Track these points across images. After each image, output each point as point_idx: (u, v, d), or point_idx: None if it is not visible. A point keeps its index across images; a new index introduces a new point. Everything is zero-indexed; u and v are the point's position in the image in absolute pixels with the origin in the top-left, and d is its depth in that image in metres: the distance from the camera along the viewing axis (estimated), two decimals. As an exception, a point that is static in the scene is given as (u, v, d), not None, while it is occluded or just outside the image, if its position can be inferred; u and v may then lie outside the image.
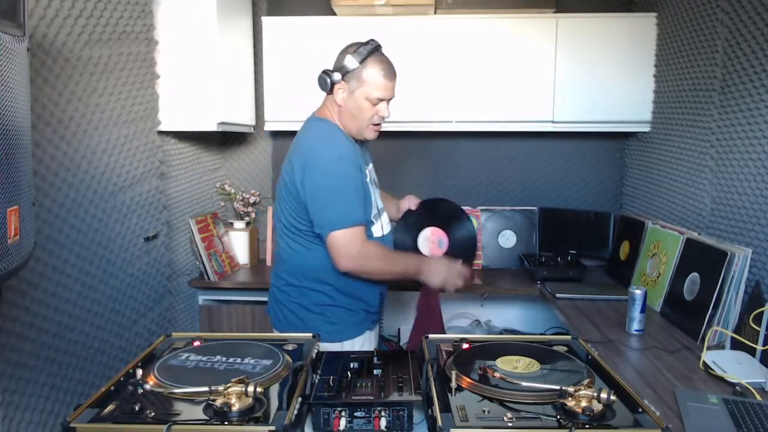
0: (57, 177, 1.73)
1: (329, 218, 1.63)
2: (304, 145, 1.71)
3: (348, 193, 1.65)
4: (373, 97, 1.68)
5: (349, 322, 1.78)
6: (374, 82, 1.67)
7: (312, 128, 1.76)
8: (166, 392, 1.09)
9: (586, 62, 2.70)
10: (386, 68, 1.69)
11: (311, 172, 1.64)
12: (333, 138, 1.71)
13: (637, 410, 1.04)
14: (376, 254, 1.70)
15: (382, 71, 1.68)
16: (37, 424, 1.61)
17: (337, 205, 1.63)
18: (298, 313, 1.79)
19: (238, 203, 3.06)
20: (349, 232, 1.63)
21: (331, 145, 1.68)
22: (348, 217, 1.63)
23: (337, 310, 1.76)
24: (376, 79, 1.67)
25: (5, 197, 1.03)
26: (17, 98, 1.07)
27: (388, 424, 1.09)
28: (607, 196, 3.13)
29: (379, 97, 1.68)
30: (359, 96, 1.69)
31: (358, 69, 1.67)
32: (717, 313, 1.84)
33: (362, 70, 1.67)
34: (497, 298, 3.02)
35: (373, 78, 1.67)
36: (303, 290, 1.77)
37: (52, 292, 1.70)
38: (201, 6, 2.37)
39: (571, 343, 1.42)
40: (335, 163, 1.65)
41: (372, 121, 1.72)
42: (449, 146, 3.13)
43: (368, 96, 1.68)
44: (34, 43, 1.62)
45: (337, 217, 1.63)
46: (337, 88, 1.70)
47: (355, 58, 1.66)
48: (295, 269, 1.78)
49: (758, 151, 1.91)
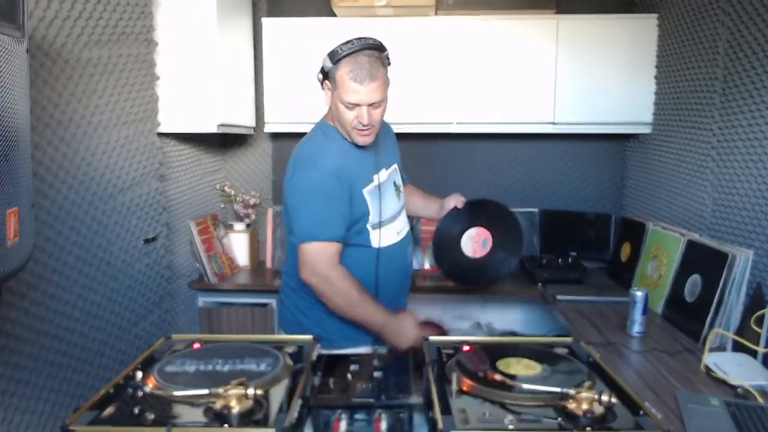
0: (56, 179, 1.72)
1: (301, 229, 1.61)
2: (297, 152, 1.71)
3: (323, 207, 1.61)
4: (346, 101, 1.58)
5: (341, 332, 1.70)
6: (343, 85, 1.57)
7: (308, 138, 1.74)
8: (166, 395, 1.09)
9: (587, 63, 2.70)
10: (357, 70, 1.55)
11: (292, 182, 1.64)
12: (322, 149, 1.67)
13: (639, 413, 1.04)
14: (341, 288, 1.61)
15: (350, 73, 1.55)
16: (36, 427, 1.61)
17: (311, 217, 1.61)
18: (295, 314, 1.80)
19: (238, 205, 3.06)
20: (317, 246, 1.59)
21: (317, 158, 1.64)
22: (320, 231, 1.60)
23: (328, 317, 1.70)
24: (345, 82, 1.56)
25: (5, 199, 1.03)
26: (16, 100, 1.06)
27: (388, 427, 1.08)
28: (608, 197, 3.12)
29: (350, 101, 1.58)
30: (336, 98, 1.62)
31: (332, 69, 1.59)
32: (718, 315, 1.83)
33: (335, 71, 1.58)
34: (498, 300, 3.01)
35: (343, 81, 1.57)
36: (298, 293, 1.77)
37: (51, 294, 1.69)
38: (201, 7, 2.37)
39: (572, 345, 1.42)
40: (315, 177, 1.61)
41: (353, 125, 1.62)
42: (450, 148, 3.12)
43: (342, 99, 1.59)
44: (34, 45, 1.62)
45: (308, 229, 1.60)
46: (324, 87, 1.67)
47: (330, 57, 1.59)
48: (293, 270, 1.77)
49: (759, 153, 1.91)
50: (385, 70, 1.63)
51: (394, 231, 1.79)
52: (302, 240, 1.61)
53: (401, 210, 1.84)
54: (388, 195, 1.76)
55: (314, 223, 1.60)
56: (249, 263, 3.01)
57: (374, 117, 1.61)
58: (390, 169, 1.81)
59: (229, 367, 1.22)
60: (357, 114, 1.60)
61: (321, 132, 1.72)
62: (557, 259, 2.88)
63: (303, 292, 1.75)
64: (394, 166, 1.84)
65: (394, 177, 1.83)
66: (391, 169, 1.81)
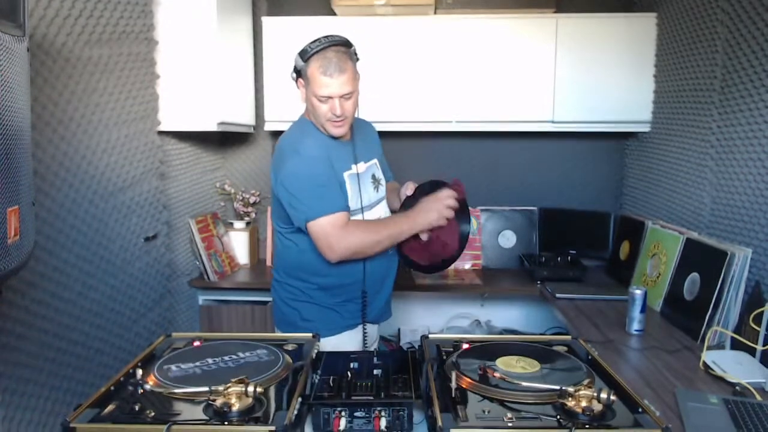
0: (57, 177, 1.73)
1: (304, 211, 1.65)
2: (279, 146, 1.77)
3: (318, 185, 1.65)
4: (318, 95, 1.65)
5: (324, 320, 1.77)
6: (315, 79, 1.64)
7: (288, 131, 1.80)
8: (166, 392, 1.09)
9: (586, 62, 2.70)
10: (326, 64, 1.62)
11: (282, 173, 1.68)
12: (302, 139, 1.73)
13: (637, 410, 1.04)
14: (360, 229, 1.69)
15: (320, 68, 1.63)
16: (37, 424, 1.61)
17: (311, 196, 1.65)
18: (281, 308, 1.86)
19: (238, 203, 3.06)
20: (324, 220, 1.63)
21: (299, 146, 1.71)
22: (324, 205, 1.64)
23: (311, 306, 1.79)
24: (316, 77, 1.64)
25: (5, 197, 1.03)
26: (17, 98, 1.06)
27: (388, 424, 1.09)
28: (607, 196, 3.12)
29: (322, 94, 1.65)
30: (309, 94, 1.69)
31: (303, 67, 1.66)
32: (717, 313, 1.83)
33: (306, 68, 1.66)
34: (497, 298, 3.02)
35: (314, 76, 1.64)
36: (283, 285, 1.85)
37: (52, 292, 1.70)
38: (201, 6, 2.37)
39: (571, 343, 1.42)
40: (304, 161, 1.67)
41: (326, 117, 1.69)
42: (449, 146, 3.13)
43: (314, 93, 1.66)
44: (34, 44, 1.62)
45: (312, 208, 1.64)
46: (298, 85, 1.73)
47: (300, 56, 1.66)
48: (279, 264, 1.88)
49: (758, 151, 1.91)
50: (353, 63, 1.70)
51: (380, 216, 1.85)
52: (308, 219, 1.64)
53: (379, 201, 1.87)
54: (365, 186, 1.80)
55: (316, 201, 1.64)
56: (249, 261, 3.02)
57: (346, 108, 1.68)
58: (369, 163, 1.86)
59: (229, 365, 1.22)
60: (330, 106, 1.67)
61: (298, 127, 1.79)
62: (556, 257, 2.88)
63: (286, 284, 1.83)
64: (373, 161, 1.89)
65: (373, 170, 1.88)
66: (370, 163, 1.87)
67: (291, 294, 1.82)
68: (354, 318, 1.82)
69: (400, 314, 3.04)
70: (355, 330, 1.84)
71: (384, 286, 1.88)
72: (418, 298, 3.13)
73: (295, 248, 1.79)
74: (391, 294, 1.95)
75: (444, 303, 3.10)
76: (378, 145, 2.00)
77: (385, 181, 1.95)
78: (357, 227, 1.69)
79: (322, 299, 1.79)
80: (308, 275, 1.79)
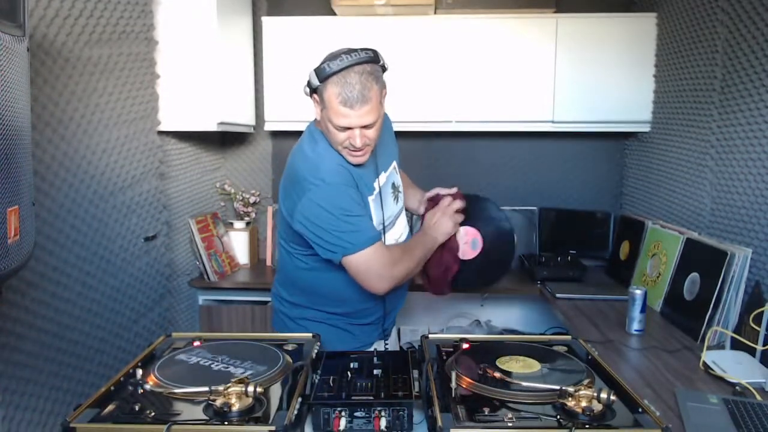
0: (57, 177, 1.73)
1: (341, 246, 1.46)
2: (293, 171, 1.55)
3: (350, 216, 1.47)
4: (335, 124, 1.44)
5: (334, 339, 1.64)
6: (332, 108, 1.42)
7: (302, 148, 1.59)
8: (166, 392, 1.09)
9: (586, 62, 2.70)
10: (346, 93, 1.39)
11: (304, 205, 1.47)
12: (321, 162, 1.52)
13: (637, 410, 1.04)
14: (402, 257, 1.55)
15: (339, 97, 1.40)
16: (37, 424, 1.61)
17: (344, 230, 1.46)
18: (286, 323, 1.74)
19: (238, 203, 3.06)
20: (368, 253, 1.46)
21: (319, 172, 1.49)
22: (360, 238, 1.47)
23: (319, 325, 1.66)
24: (334, 106, 1.42)
25: (5, 197, 1.03)
26: (17, 98, 1.07)
27: (388, 424, 1.09)
28: (607, 196, 3.12)
29: (340, 125, 1.43)
30: (325, 117, 1.47)
31: (319, 88, 1.44)
32: (717, 313, 1.83)
33: (323, 90, 1.43)
34: (497, 298, 3.02)
35: (331, 103, 1.42)
36: (290, 303, 1.73)
37: (52, 292, 1.70)
38: (201, 6, 2.37)
39: (571, 343, 1.42)
40: (328, 191, 1.47)
41: (344, 146, 1.49)
42: (449, 146, 3.12)
43: (331, 120, 1.44)
44: (34, 43, 1.62)
45: (348, 244, 1.46)
46: (312, 101, 1.52)
47: (317, 74, 1.42)
48: (286, 280, 1.74)
49: (758, 151, 1.91)
50: (380, 84, 1.47)
51: (392, 238, 1.69)
52: (346, 254, 1.47)
53: (399, 213, 1.75)
54: (386, 200, 1.66)
55: (352, 235, 1.46)
56: (249, 261, 3.02)
57: (368, 137, 1.48)
58: (389, 170, 1.71)
59: (229, 365, 1.22)
60: (348, 135, 1.46)
61: (313, 145, 1.57)
62: (556, 257, 2.88)
63: (294, 303, 1.72)
64: (392, 164, 1.74)
65: (393, 178, 1.73)
66: (389, 170, 1.71)
67: (297, 313, 1.71)
68: (369, 337, 1.74)
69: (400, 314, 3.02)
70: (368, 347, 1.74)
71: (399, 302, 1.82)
72: (418, 298, 3.12)
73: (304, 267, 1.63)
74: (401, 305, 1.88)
75: (444, 303, 3.09)
76: (394, 139, 1.81)
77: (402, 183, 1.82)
78: (400, 255, 1.56)
79: (337, 322, 1.68)
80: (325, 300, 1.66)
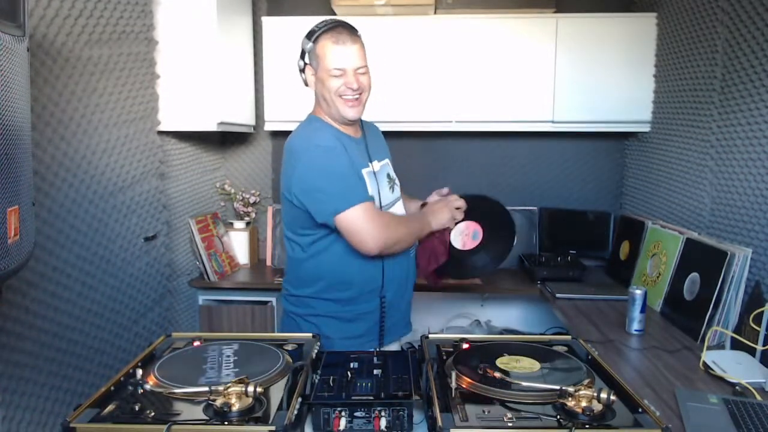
0: (57, 177, 1.73)
1: (332, 204, 1.54)
2: (289, 147, 1.66)
3: (342, 175, 1.56)
4: (332, 68, 1.58)
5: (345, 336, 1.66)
6: (327, 52, 1.58)
7: (298, 129, 1.70)
8: (166, 392, 1.09)
9: (586, 62, 2.70)
10: (337, 35, 1.58)
11: (299, 170, 1.58)
12: (314, 133, 1.64)
13: (637, 410, 1.04)
14: (394, 220, 1.64)
15: (332, 38, 1.58)
16: (37, 424, 1.61)
17: (336, 188, 1.55)
18: (296, 320, 1.74)
19: (238, 203, 3.06)
20: (358, 210, 1.52)
21: (314, 139, 1.61)
22: (351, 195, 1.53)
23: (330, 321, 1.68)
24: (328, 49, 1.58)
25: (5, 197, 1.03)
26: (17, 98, 1.07)
27: (388, 424, 1.08)
28: (607, 196, 3.13)
29: (336, 66, 1.58)
30: (322, 74, 1.61)
31: (311, 47, 1.61)
32: (717, 313, 1.83)
33: (315, 46, 1.60)
34: (497, 298, 3.02)
35: (326, 49, 1.58)
36: (300, 299, 1.73)
37: (52, 292, 1.70)
38: (201, 6, 2.37)
39: (571, 343, 1.42)
40: (320, 153, 1.58)
41: (340, 92, 1.60)
42: (449, 146, 3.13)
43: (327, 70, 1.58)
44: (34, 43, 1.62)
45: (339, 200, 1.53)
46: (306, 74, 1.66)
47: (308, 38, 1.61)
48: (292, 277, 1.75)
49: (758, 151, 1.91)
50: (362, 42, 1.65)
51: None
52: (337, 211, 1.53)
53: (395, 202, 1.79)
54: (382, 184, 1.72)
55: (343, 191, 1.54)
56: (249, 261, 3.02)
57: (362, 81, 1.62)
58: (382, 162, 1.79)
59: (229, 365, 1.22)
60: (345, 81, 1.60)
61: (308, 124, 1.71)
62: (556, 257, 2.88)
63: (300, 296, 1.72)
64: (386, 161, 1.82)
65: (387, 170, 1.80)
66: (383, 162, 1.79)
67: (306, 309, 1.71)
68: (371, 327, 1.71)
69: (400, 314, 3.04)
70: None
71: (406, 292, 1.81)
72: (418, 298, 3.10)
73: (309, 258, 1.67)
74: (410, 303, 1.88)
75: (444, 303, 3.09)
76: (387, 149, 1.90)
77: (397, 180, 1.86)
78: (390, 217, 1.63)
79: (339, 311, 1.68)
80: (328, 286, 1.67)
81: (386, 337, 1.74)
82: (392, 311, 1.74)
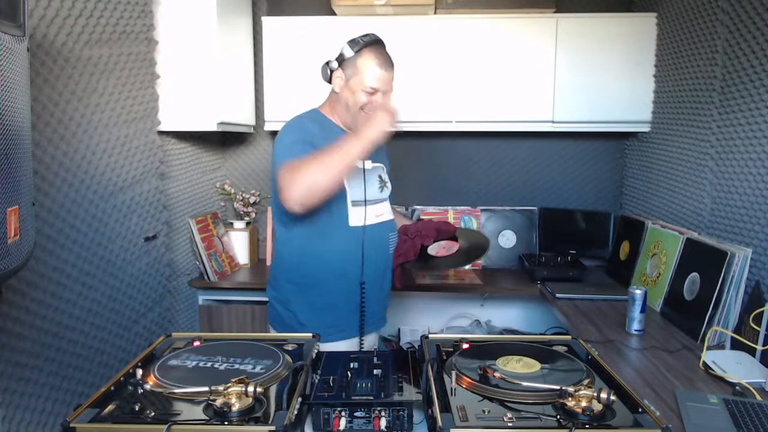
0: (57, 177, 1.73)
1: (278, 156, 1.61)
2: None
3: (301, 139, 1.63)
4: (367, 87, 1.68)
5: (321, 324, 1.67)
6: (368, 71, 1.67)
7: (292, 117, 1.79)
8: (166, 392, 1.09)
9: (587, 62, 2.70)
10: (382, 59, 1.68)
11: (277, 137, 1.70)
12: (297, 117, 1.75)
13: (637, 410, 1.04)
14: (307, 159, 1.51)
15: (376, 60, 1.67)
16: (37, 424, 1.61)
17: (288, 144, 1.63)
18: (277, 308, 1.82)
19: (238, 203, 3.06)
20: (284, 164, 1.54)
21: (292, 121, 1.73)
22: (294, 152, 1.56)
23: (305, 308, 1.75)
24: (371, 68, 1.67)
25: (5, 197, 1.03)
26: (17, 98, 1.07)
27: (388, 424, 1.09)
28: (607, 196, 3.13)
29: (372, 86, 1.68)
30: (354, 85, 1.69)
31: (353, 57, 1.68)
32: (717, 313, 1.84)
33: (357, 58, 1.68)
34: (497, 298, 3.02)
35: (368, 67, 1.67)
36: (281, 283, 1.81)
37: (52, 292, 1.70)
38: (201, 6, 2.37)
39: (571, 343, 1.42)
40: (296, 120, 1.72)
41: (365, 108, 1.69)
42: (449, 146, 3.13)
43: (362, 85, 1.68)
44: (34, 43, 1.62)
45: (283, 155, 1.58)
46: (335, 76, 1.73)
47: (351, 46, 1.68)
48: (276, 262, 1.86)
49: (758, 151, 1.91)
50: None
51: (374, 213, 1.78)
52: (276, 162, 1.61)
53: (383, 200, 1.85)
54: (370, 182, 1.78)
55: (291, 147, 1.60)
56: (249, 261, 3.02)
57: None
58: (376, 164, 1.84)
59: (229, 365, 1.22)
60: (370, 100, 1.69)
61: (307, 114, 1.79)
62: (556, 257, 2.88)
63: (283, 286, 1.79)
64: (380, 164, 1.88)
65: (380, 172, 1.86)
66: (377, 164, 1.85)
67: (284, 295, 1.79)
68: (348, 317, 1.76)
69: (400, 314, 3.04)
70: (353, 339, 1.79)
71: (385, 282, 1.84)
72: (418, 298, 3.13)
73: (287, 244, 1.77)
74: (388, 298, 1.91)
75: (444, 303, 3.10)
76: (385, 155, 1.95)
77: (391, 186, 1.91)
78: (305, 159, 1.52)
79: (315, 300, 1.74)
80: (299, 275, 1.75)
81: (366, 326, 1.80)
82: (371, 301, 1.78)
